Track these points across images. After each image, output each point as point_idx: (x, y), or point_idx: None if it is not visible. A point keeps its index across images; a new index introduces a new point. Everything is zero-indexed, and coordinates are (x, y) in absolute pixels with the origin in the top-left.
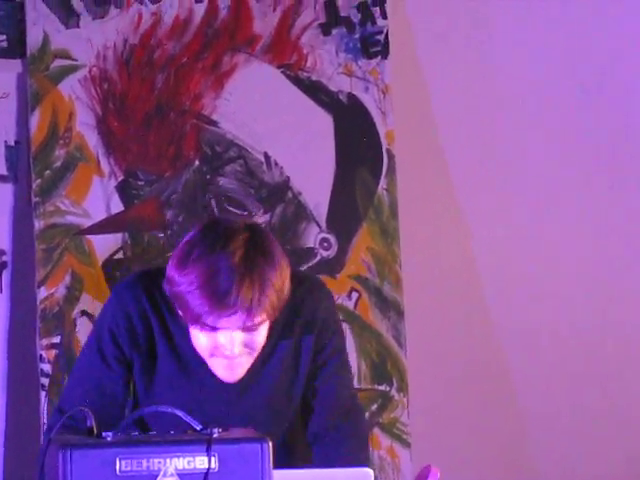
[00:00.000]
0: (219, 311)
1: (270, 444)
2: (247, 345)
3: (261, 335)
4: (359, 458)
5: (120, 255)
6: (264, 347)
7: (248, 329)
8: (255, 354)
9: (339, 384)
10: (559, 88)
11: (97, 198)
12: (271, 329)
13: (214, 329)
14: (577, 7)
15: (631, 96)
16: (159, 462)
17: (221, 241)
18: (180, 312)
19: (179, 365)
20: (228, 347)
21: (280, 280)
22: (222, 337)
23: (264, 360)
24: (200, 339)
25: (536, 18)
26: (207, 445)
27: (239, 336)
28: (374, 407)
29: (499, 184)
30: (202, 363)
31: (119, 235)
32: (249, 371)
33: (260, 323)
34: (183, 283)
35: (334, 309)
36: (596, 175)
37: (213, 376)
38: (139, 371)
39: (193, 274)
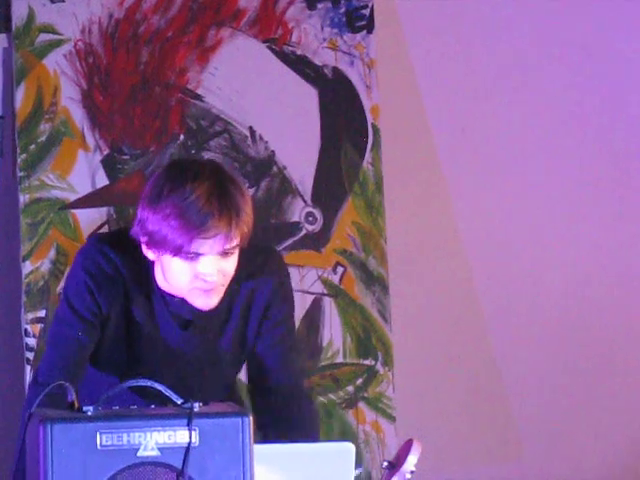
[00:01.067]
0: (202, 235)
1: (251, 418)
2: (222, 272)
3: (233, 262)
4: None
5: (105, 229)
6: (220, 317)
7: (225, 254)
8: (227, 282)
9: (284, 358)
10: (548, 60)
11: (82, 172)
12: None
13: (197, 255)
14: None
15: (624, 89)
16: (140, 436)
17: (190, 174)
18: (155, 251)
19: (153, 326)
20: (208, 272)
21: (247, 206)
22: (202, 265)
23: (220, 330)
24: (180, 273)
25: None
26: (188, 419)
27: (217, 262)
28: (359, 381)
29: (483, 158)
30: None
31: (104, 209)
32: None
33: (235, 247)
34: (159, 219)
35: (288, 282)
36: (584, 156)
37: (165, 344)
38: (113, 325)
39: (168, 208)
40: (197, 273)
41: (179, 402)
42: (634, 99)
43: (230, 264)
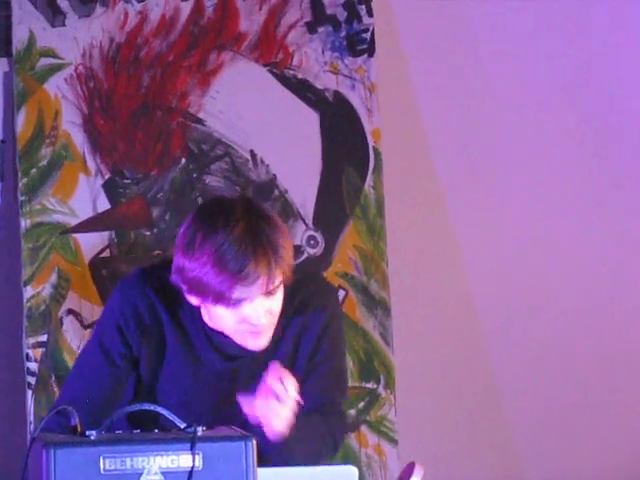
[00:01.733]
0: (242, 282)
1: (254, 442)
2: (269, 312)
3: (279, 300)
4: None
5: (107, 253)
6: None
7: (269, 293)
8: (275, 320)
9: (324, 390)
10: (545, 86)
11: (83, 196)
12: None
13: (239, 302)
14: (565, 5)
15: (614, 94)
16: (143, 461)
17: (221, 218)
18: (197, 298)
19: (190, 356)
20: (254, 316)
21: (285, 240)
22: (247, 308)
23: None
24: (225, 317)
25: (523, 16)
26: (191, 443)
27: (263, 303)
28: (361, 405)
29: (485, 181)
30: (215, 356)
31: (105, 233)
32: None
33: (279, 285)
34: (196, 267)
35: (339, 320)
36: (584, 173)
37: (226, 368)
38: (147, 366)
39: (204, 256)
40: (243, 317)
41: (182, 426)
42: (630, 113)
43: (276, 302)
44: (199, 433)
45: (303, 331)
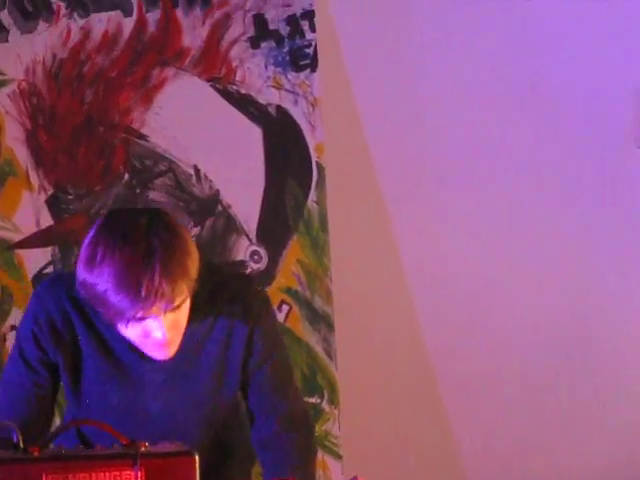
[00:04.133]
0: (139, 304)
1: (197, 458)
2: (174, 325)
3: (185, 311)
4: (300, 471)
5: (50, 269)
6: (198, 330)
7: (172, 310)
8: (182, 330)
9: (278, 392)
10: (490, 97)
11: (27, 212)
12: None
13: (141, 319)
14: (507, 19)
15: (563, 99)
16: (85, 477)
17: (122, 235)
18: (102, 311)
19: (109, 360)
20: (159, 332)
21: (186, 257)
22: (151, 324)
23: (199, 345)
24: (129, 332)
25: (468, 29)
26: (133, 460)
27: (167, 318)
28: None
29: (429, 195)
30: (135, 356)
31: (49, 249)
32: (186, 358)
33: (182, 303)
34: (97, 283)
35: (272, 315)
36: (532, 187)
37: (150, 368)
38: (65, 372)
39: (104, 274)
40: (147, 332)
41: (125, 442)
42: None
43: (181, 315)
44: (142, 449)
45: (229, 338)
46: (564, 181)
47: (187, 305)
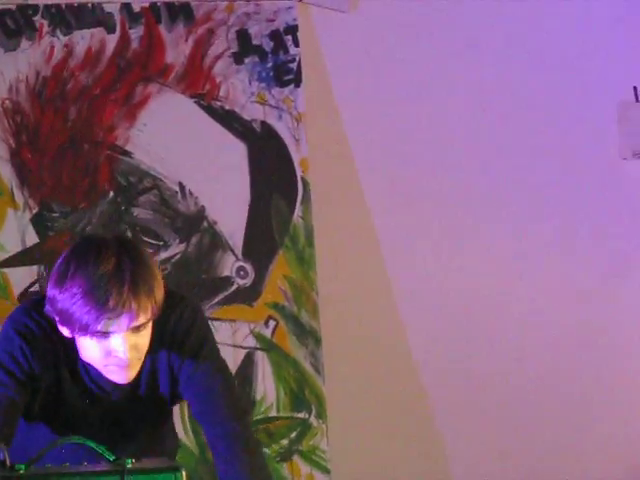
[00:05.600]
0: (106, 315)
1: (184, 473)
2: (135, 347)
3: (146, 336)
4: None
5: (36, 287)
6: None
7: (135, 329)
8: (142, 356)
9: (210, 402)
10: (476, 109)
11: (12, 231)
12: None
13: (104, 335)
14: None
15: (549, 111)
16: None
17: (93, 253)
18: (67, 329)
19: (83, 388)
20: (121, 349)
21: (154, 279)
22: (113, 341)
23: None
24: (92, 349)
25: (452, 40)
26: (120, 476)
27: (129, 338)
28: (293, 435)
29: (414, 209)
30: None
31: (34, 267)
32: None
33: (145, 323)
34: (66, 298)
35: (200, 327)
36: (513, 196)
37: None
38: (47, 390)
39: (74, 287)
40: (109, 350)
41: (111, 459)
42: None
43: (143, 339)
44: (128, 465)
45: (155, 361)
46: (550, 190)
47: (148, 331)
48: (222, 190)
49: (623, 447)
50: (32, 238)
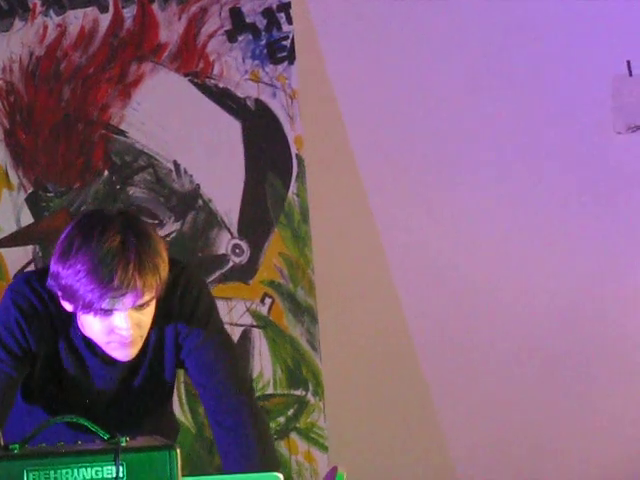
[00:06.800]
0: (110, 294)
1: (178, 451)
2: (138, 325)
3: (150, 314)
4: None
5: (32, 267)
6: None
7: (139, 307)
8: (145, 333)
9: (216, 375)
10: (470, 87)
11: (7, 211)
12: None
13: (108, 312)
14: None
15: (544, 87)
16: (67, 473)
17: (98, 229)
18: (70, 305)
19: (80, 363)
20: (124, 327)
21: (159, 258)
22: (117, 319)
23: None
24: (95, 325)
25: (445, 20)
26: (115, 454)
27: (132, 315)
28: (290, 412)
29: (409, 185)
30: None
31: (30, 247)
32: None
33: (150, 300)
34: (70, 275)
35: (207, 298)
36: (508, 174)
37: (90, 380)
38: (45, 365)
39: (78, 264)
40: (112, 327)
41: (106, 437)
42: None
43: (146, 316)
44: (122, 444)
45: (162, 333)
46: (544, 164)
47: (152, 308)
48: (217, 168)
49: (626, 430)
50: (27, 218)
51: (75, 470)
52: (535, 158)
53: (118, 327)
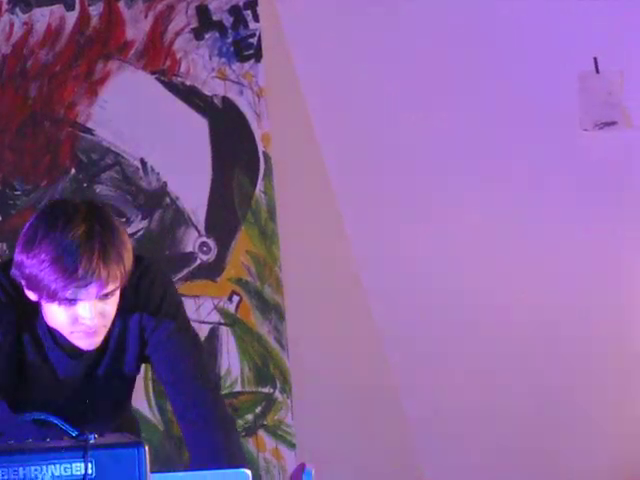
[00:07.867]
0: (74, 284)
1: (146, 448)
2: (102, 314)
3: (114, 303)
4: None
5: None
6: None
7: (104, 297)
8: (109, 323)
9: (182, 371)
10: (438, 86)
11: None
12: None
13: (72, 302)
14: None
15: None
16: (36, 470)
17: (62, 219)
18: (34, 294)
19: (42, 356)
20: (88, 316)
21: (124, 248)
22: (81, 308)
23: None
24: (59, 315)
25: (411, 18)
26: (83, 451)
27: (96, 306)
28: (258, 409)
29: (377, 182)
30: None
31: None
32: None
33: (113, 291)
34: (34, 264)
35: (174, 294)
36: (474, 170)
37: (53, 373)
38: (7, 355)
39: (42, 254)
40: (77, 317)
41: (74, 434)
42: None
43: (110, 306)
44: (91, 441)
45: (126, 324)
46: (511, 161)
47: (116, 298)
48: (184, 166)
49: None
50: None
51: (44, 467)
52: (502, 154)
53: (82, 317)
